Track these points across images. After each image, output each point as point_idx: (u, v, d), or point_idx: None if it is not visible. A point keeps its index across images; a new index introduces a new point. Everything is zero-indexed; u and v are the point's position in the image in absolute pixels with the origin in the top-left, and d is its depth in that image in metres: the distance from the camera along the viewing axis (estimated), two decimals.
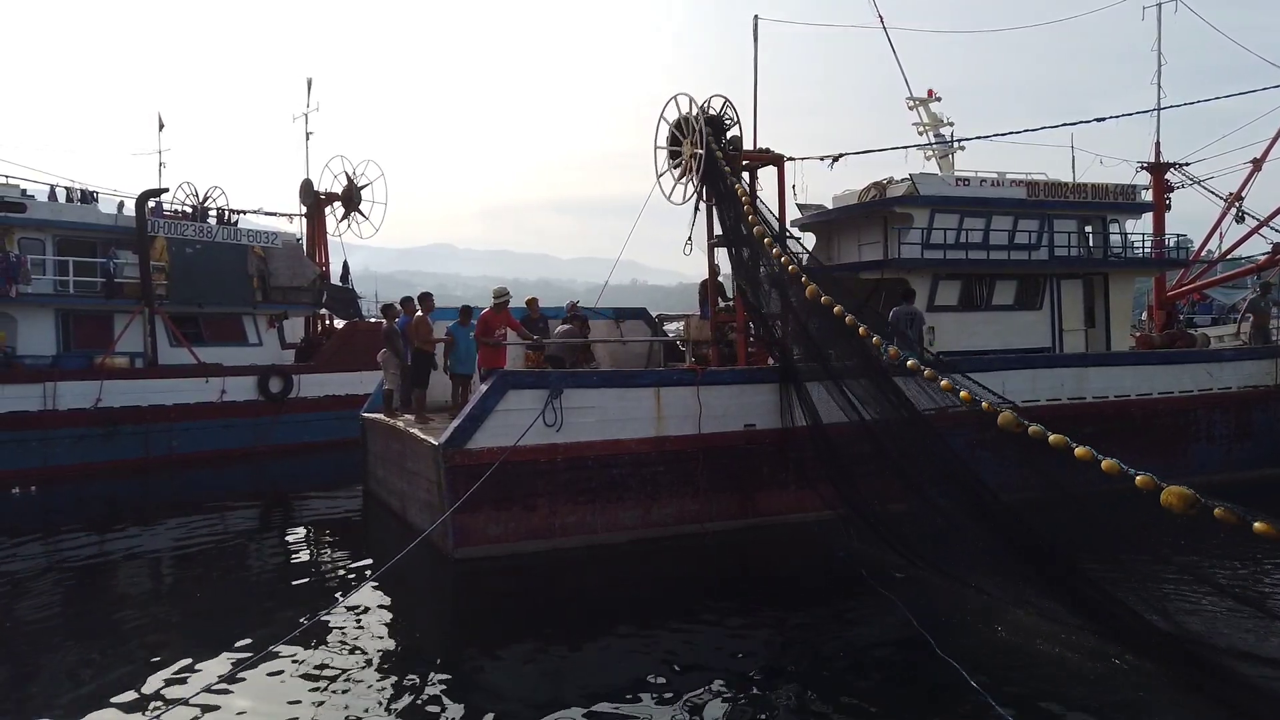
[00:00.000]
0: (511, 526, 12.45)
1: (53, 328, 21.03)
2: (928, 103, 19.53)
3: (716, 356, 15.33)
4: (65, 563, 13.55)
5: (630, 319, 18.33)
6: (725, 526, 13.48)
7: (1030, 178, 18.31)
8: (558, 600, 11.25)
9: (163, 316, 22.19)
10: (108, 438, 20.49)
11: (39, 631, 10.04)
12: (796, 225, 19.55)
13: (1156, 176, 24.31)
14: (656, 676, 8.42)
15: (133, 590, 12.25)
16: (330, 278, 27.57)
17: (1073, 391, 16.47)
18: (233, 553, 14.08)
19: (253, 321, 24.36)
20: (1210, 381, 17.78)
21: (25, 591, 11.73)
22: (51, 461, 19.65)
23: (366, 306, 29.24)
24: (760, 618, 10.34)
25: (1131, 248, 19.64)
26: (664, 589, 11.74)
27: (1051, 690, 7.96)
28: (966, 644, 8.88)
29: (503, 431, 12.29)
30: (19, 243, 20.63)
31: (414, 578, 11.71)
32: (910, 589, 10.51)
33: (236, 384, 22.61)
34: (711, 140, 14.39)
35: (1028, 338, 18.03)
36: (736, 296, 15.14)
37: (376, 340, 16.94)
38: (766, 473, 13.86)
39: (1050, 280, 18.29)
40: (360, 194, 27.60)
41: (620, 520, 13.02)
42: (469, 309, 15.10)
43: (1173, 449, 17.32)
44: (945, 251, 17.23)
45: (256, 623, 10.06)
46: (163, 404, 21.33)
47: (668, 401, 13.34)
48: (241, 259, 23.76)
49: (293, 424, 23.18)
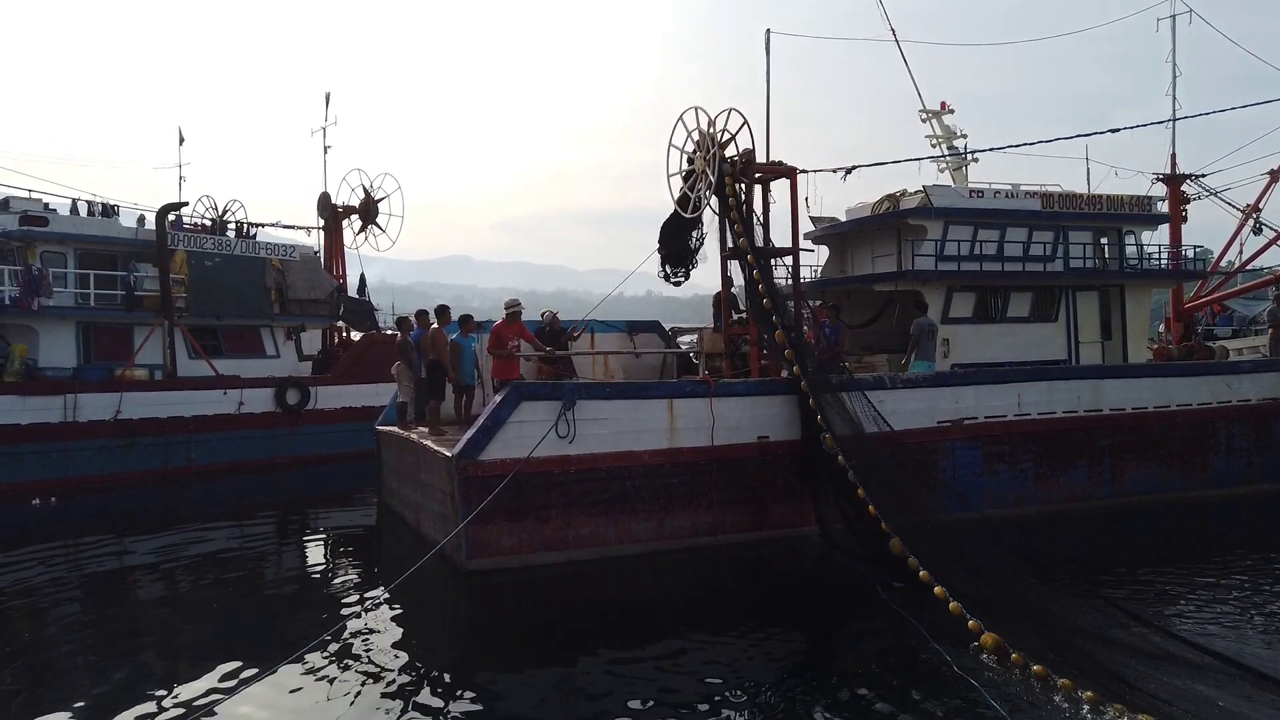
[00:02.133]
0: (524, 538, 12.48)
1: (73, 340, 21.25)
2: (941, 115, 19.54)
3: (730, 368, 15.35)
4: (84, 573, 13.68)
5: (643, 331, 18.37)
6: (738, 539, 13.47)
7: (1045, 189, 18.26)
8: (571, 612, 11.26)
9: (182, 329, 22.41)
10: (127, 449, 20.69)
11: (58, 640, 10.13)
12: (809, 237, 19.59)
13: (1172, 188, 24.18)
14: (670, 690, 8.42)
15: (150, 600, 12.37)
16: (347, 290, 27.76)
17: (1089, 404, 16.37)
18: (249, 564, 14.18)
19: (270, 334, 24.56)
20: (1229, 394, 17.62)
21: (45, 601, 11.84)
22: (72, 472, 19.87)
23: (383, 318, 29.43)
24: (773, 631, 10.31)
25: (1148, 259, 19.55)
26: (677, 602, 11.72)
27: (1072, 711, 7.88)
28: (983, 662, 8.82)
29: (516, 443, 12.34)
30: (41, 256, 20.89)
31: (427, 590, 11.76)
32: (925, 605, 10.44)
33: (254, 396, 22.78)
34: (721, 155, 14.46)
35: (1044, 350, 17.95)
36: (750, 309, 15.18)
37: (393, 352, 17.06)
38: (780, 485, 13.84)
39: (1066, 292, 18.21)
40: (377, 207, 27.82)
41: (633, 532, 13.03)
42: (469, 318, 15.31)
43: (1192, 462, 17.19)
44: (959, 263, 17.20)
45: (271, 634, 10.14)
46: (181, 415, 21.52)
47: (681, 413, 13.36)
48: (259, 272, 23.99)
49: (310, 435, 23.33)
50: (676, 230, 15.50)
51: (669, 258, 15.72)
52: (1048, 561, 11.44)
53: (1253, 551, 13.75)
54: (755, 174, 14.94)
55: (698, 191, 14.81)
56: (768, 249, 14.64)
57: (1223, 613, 10.57)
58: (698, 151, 14.89)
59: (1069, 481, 16.11)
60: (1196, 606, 10.82)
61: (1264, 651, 9.11)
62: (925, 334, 15.74)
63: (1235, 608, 10.85)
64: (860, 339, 18.68)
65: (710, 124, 14.69)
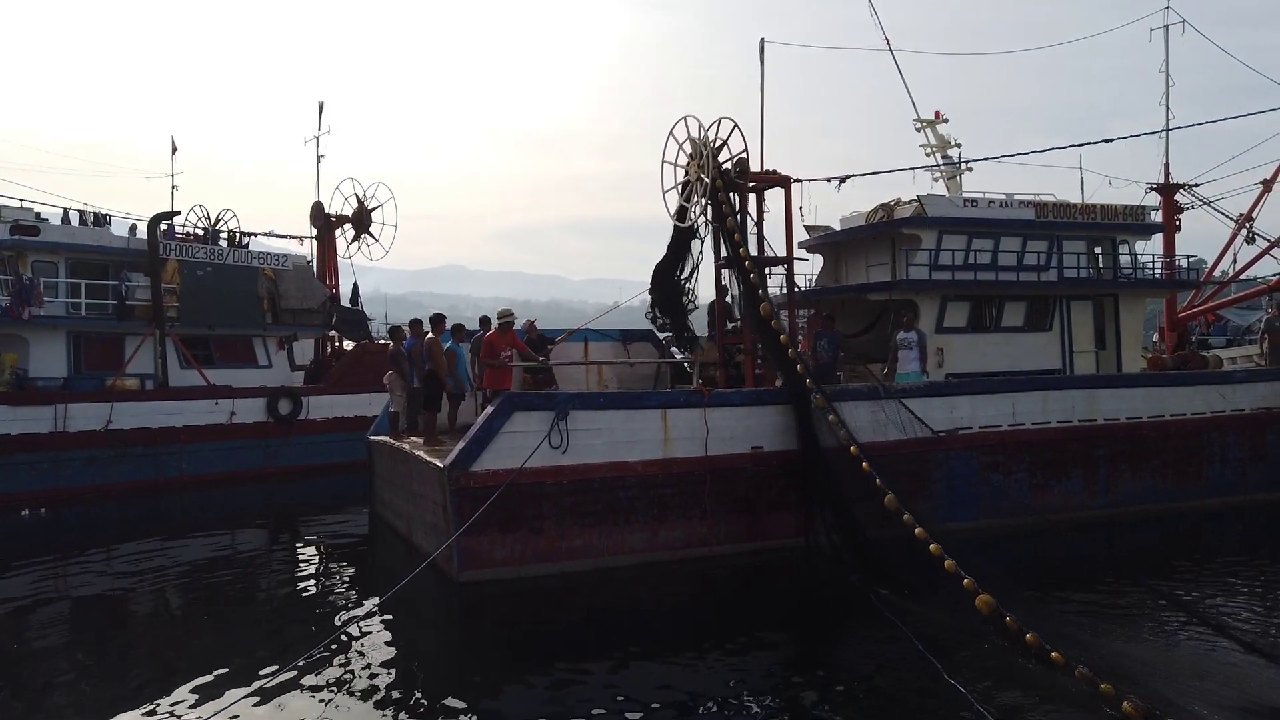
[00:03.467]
0: (517, 549, 12.39)
1: (64, 350, 21.12)
2: (935, 124, 19.54)
3: (724, 378, 15.29)
4: (74, 585, 13.58)
5: (638, 340, 18.33)
6: (732, 550, 13.40)
7: (1039, 199, 18.26)
8: (564, 624, 11.19)
9: (174, 338, 22.30)
10: (118, 459, 20.55)
11: (45, 654, 10.02)
12: (804, 246, 19.56)
13: (1166, 197, 24.21)
14: (663, 701, 8.34)
15: (140, 613, 12.25)
16: (340, 299, 27.69)
17: (1084, 413, 16.34)
18: (240, 575, 14.05)
19: (263, 343, 24.43)
20: (1223, 403, 17.60)
21: (33, 613, 11.73)
22: (62, 483, 19.71)
23: (377, 328, 29.33)
24: (767, 642, 10.25)
25: (1142, 269, 19.55)
26: (671, 613, 11.67)
27: (1059, 715, 7.85)
28: (974, 669, 8.78)
29: (509, 453, 12.26)
30: (32, 265, 20.78)
31: (419, 601, 11.66)
32: (918, 614, 10.39)
33: (246, 406, 22.66)
34: (715, 162, 14.45)
35: (1038, 359, 17.92)
36: (745, 318, 15.15)
37: (385, 362, 17.00)
38: (774, 495, 13.78)
39: (1060, 301, 18.20)
40: (370, 216, 27.76)
41: (627, 543, 12.95)
42: (460, 327, 15.31)
43: (1186, 472, 17.16)
44: (954, 273, 17.19)
45: (262, 647, 10.03)
46: (173, 425, 21.39)
47: (675, 423, 13.29)
48: (252, 281, 23.87)
49: (302, 445, 23.20)
50: (668, 270, 15.34)
51: (659, 303, 15.50)
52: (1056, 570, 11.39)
53: (1249, 561, 13.73)
54: (749, 182, 14.92)
55: (692, 200, 14.78)
56: (762, 258, 14.62)
57: (1226, 619, 10.52)
58: (691, 160, 14.87)
59: (1064, 491, 16.06)
60: (1188, 615, 10.77)
61: None
62: (903, 346, 15.73)
63: (1234, 615, 10.80)
64: (854, 349, 18.64)
65: (702, 131, 14.68)
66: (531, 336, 16.68)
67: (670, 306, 15.30)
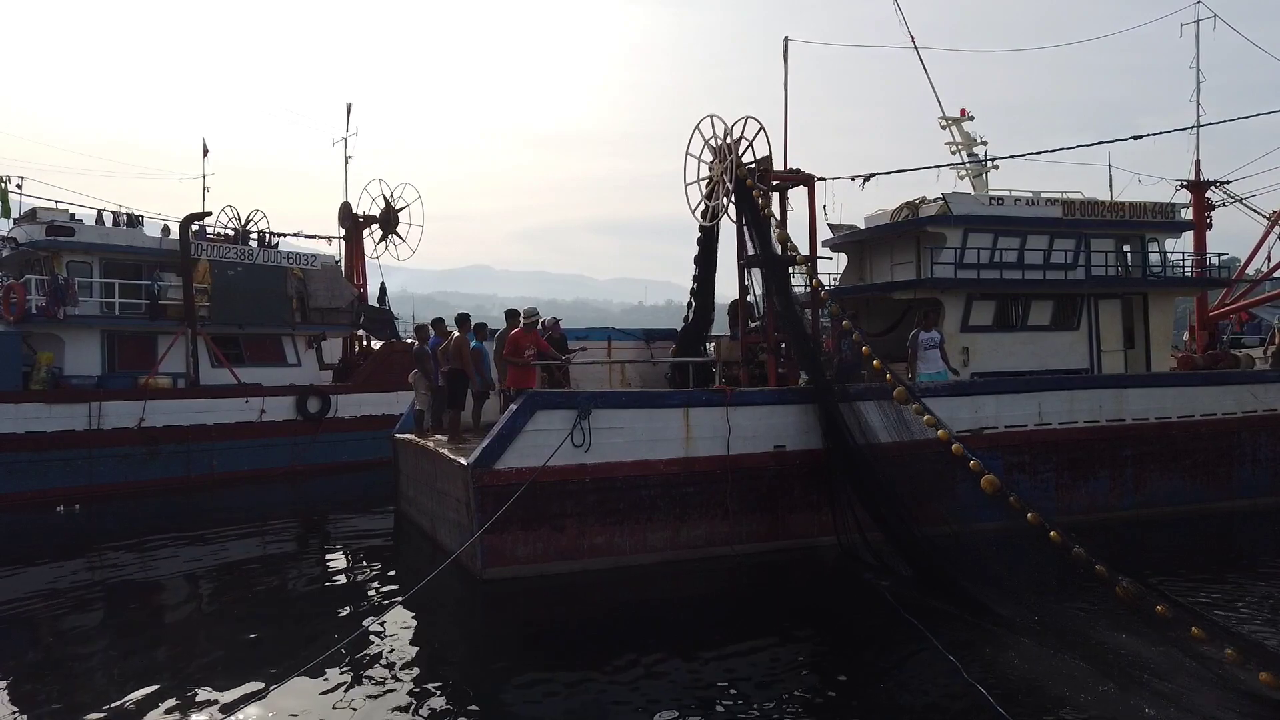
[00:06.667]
0: (540, 547, 12.48)
1: (98, 349, 21.51)
2: (960, 122, 19.41)
3: (746, 377, 15.30)
4: (107, 580, 13.84)
5: (661, 340, 18.37)
6: (754, 549, 13.41)
7: (1066, 196, 18.09)
8: (586, 622, 11.26)
9: (204, 338, 22.63)
10: (150, 457, 20.91)
11: (80, 646, 10.25)
12: (828, 245, 19.50)
13: (1196, 195, 23.88)
14: (684, 701, 8.38)
15: (170, 607, 12.51)
16: (368, 299, 27.96)
17: (1111, 413, 16.18)
18: (268, 572, 14.25)
19: (292, 342, 24.72)
20: (1255, 403, 17.35)
21: (68, 607, 11.96)
22: (96, 480, 20.08)
23: (404, 327, 29.58)
24: (788, 641, 10.25)
25: (1172, 267, 19.30)
26: (692, 612, 11.68)
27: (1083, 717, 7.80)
28: (996, 671, 8.74)
29: (531, 452, 12.35)
30: (67, 265, 21.18)
31: (443, 598, 11.78)
32: (939, 615, 10.36)
33: (275, 404, 22.97)
34: (738, 161, 14.45)
35: (1065, 358, 17.77)
36: (767, 316, 15.14)
37: (412, 361, 17.15)
38: (796, 494, 13.78)
39: (1087, 300, 18.02)
40: (397, 216, 28.05)
41: (648, 541, 13.00)
42: (483, 326, 15.43)
43: (1216, 472, 16.94)
44: (979, 271, 17.07)
45: (289, 642, 10.18)
46: (204, 424, 21.74)
47: (696, 422, 13.33)
48: (281, 281, 24.18)
49: (330, 443, 23.48)
50: (705, 278, 16.18)
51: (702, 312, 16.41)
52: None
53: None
54: (773, 181, 14.91)
55: (715, 200, 14.80)
56: (785, 257, 14.61)
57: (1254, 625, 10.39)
58: (715, 159, 14.89)
59: (1090, 492, 15.92)
60: (1225, 616, 10.63)
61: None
62: (927, 346, 15.64)
63: (1266, 619, 10.67)
64: (879, 348, 18.54)
65: (727, 131, 14.69)
66: (554, 335, 16.77)
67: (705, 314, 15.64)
